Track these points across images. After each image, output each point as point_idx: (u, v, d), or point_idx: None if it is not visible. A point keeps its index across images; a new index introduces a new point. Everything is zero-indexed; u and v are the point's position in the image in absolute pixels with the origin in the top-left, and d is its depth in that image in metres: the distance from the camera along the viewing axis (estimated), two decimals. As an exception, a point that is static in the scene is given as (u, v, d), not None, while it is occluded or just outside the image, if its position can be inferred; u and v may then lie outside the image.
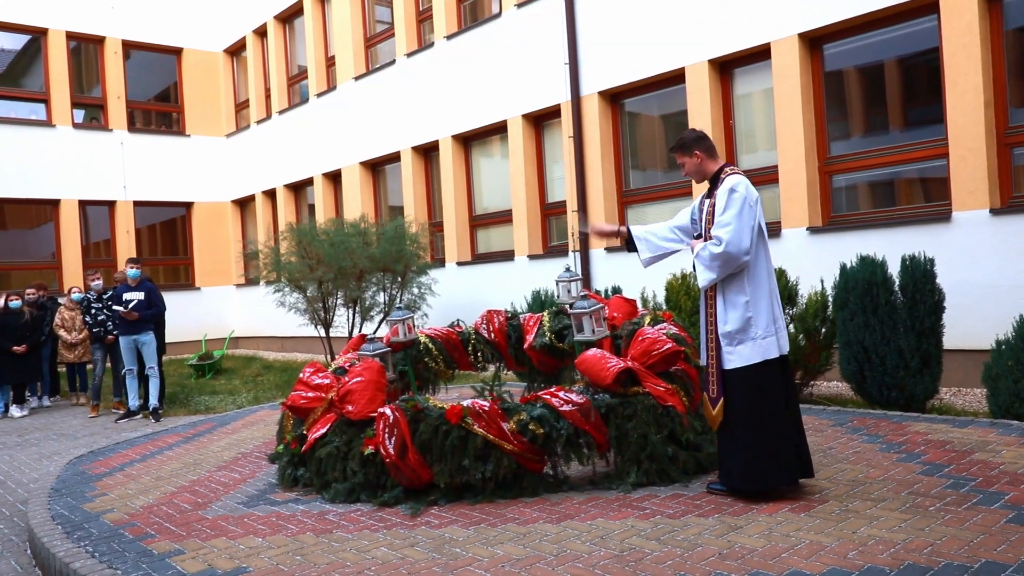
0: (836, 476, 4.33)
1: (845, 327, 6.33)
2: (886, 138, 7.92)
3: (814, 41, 8.18)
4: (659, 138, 10.20)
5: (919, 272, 6.06)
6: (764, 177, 8.65)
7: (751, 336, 4.00)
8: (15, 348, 10.07)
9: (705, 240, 4.11)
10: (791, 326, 6.82)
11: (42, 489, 5.41)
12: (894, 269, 6.25)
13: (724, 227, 3.97)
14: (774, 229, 8.35)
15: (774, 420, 4.00)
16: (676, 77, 9.38)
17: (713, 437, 4.96)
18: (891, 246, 7.00)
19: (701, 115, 8.94)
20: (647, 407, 4.47)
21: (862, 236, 7.65)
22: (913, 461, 4.51)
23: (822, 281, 7.03)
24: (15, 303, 10.30)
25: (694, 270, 4.16)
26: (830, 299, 6.74)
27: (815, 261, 7.76)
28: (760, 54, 8.57)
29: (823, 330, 6.79)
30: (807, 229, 8.08)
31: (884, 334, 6.09)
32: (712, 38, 8.85)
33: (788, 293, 6.89)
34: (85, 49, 16.84)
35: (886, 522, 3.55)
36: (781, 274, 6.98)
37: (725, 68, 9.01)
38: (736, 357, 4.04)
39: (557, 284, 6.01)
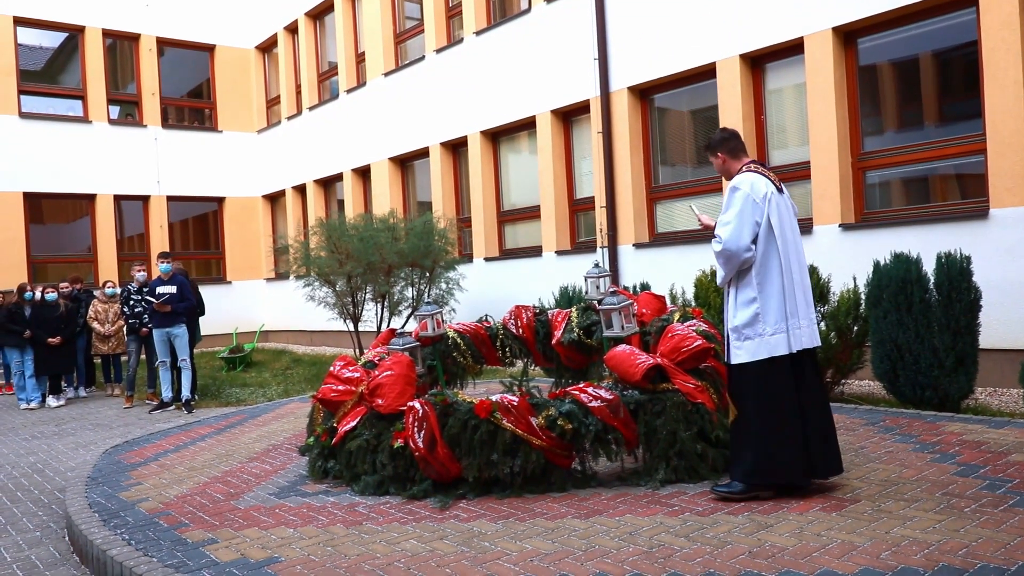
0: (868, 476, 4.28)
1: (878, 325, 6.24)
2: (921, 133, 7.79)
3: (848, 35, 8.07)
4: (688, 134, 10.12)
5: (955, 270, 5.95)
6: (796, 173, 8.56)
7: (759, 332, 4.03)
8: (50, 340, 10.29)
9: None
10: (822, 324, 6.75)
11: (79, 478, 5.52)
12: (929, 267, 6.15)
13: (724, 226, 4.07)
14: (805, 225, 8.25)
15: (781, 417, 3.99)
16: (707, 72, 9.30)
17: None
18: (926, 243, 6.90)
19: (732, 110, 8.86)
20: (676, 404, 4.45)
21: (896, 233, 7.53)
22: (948, 461, 4.44)
23: (854, 278, 6.93)
24: (51, 295, 10.54)
25: None
26: (863, 297, 6.65)
27: (847, 258, 7.66)
28: (793, 48, 8.47)
29: (855, 328, 6.70)
30: (839, 226, 7.98)
31: (918, 332, 5.99)
32: (743, 32, 8.76)
33: (820, 291, 6.81)
34: (120, 46, 17.12)
35: (920, 523, 3.51)
36: (812, 271, 6.89)
37: (757, 63, 8.91)
38: (743, 352, 4.08)
39: (586, 280, 6.01)
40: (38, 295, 10.48)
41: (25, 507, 5.39)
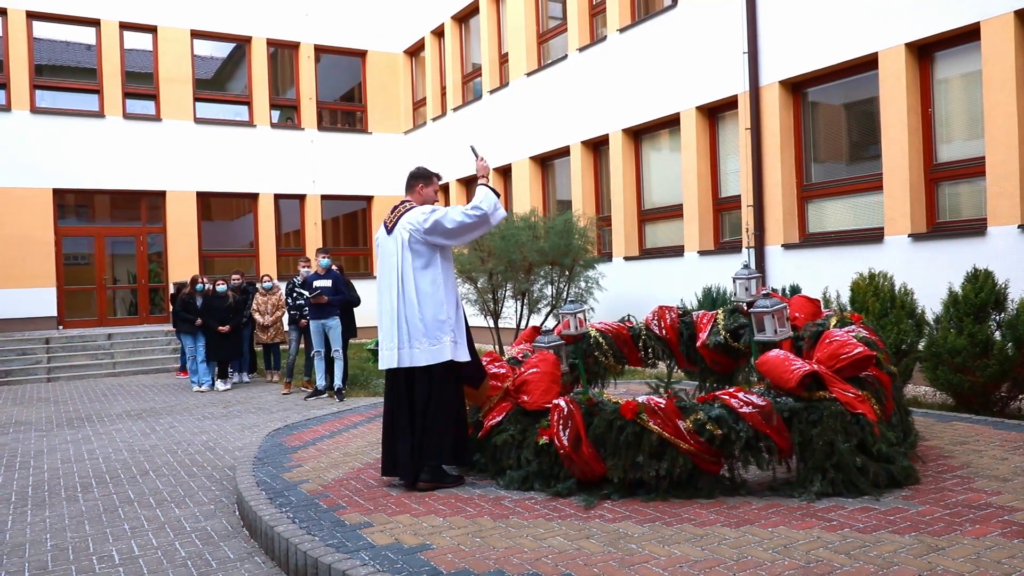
0: (1055, 502, 3.90)
1: (1065, 337, 5.68)
2: (1120, 125, 7.01)
3: (1033, 18, 7.38)
4: (843, 129, 9.60)
5: None
6: (966, 170, 7.94)
7: None
8: (220, 328, 11.15)
9: None
10: (996, 334, 6.24)
11: (247, 458, 5.95)
12: None
13: None
14: (979, 227, 7.63)
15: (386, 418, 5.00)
16: (867, 63, 8.78)
17: (907, 449, 4.64)
18: (1125, 247, 6.21)
19: (895, 103, 8.32)
20: (834, 413, 4.23)
21: (1087, 235, 6.83)
22: None
23: (1037, 285, 6.35)
24: (221, 287, 11.42)
25: None
26: (1047, 305, 6.08)
27: (1028, 262, 7.03)
28: (966, 35, 7.84)
29: (1037, 339, 6.13)
30: (1019, 227, 7.31)
31: (1115, 346, 5.41)
32: (910, 20, 8.20)
33: (996, 297, 6.29)
34: (281, 54, 18.28)
35: (1121, 558, 3.16)
36: (987, 276, 6.38)
37: (924, 52, 8.32)
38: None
39: (734, 282, 5.82)
40: (209, 286, 11.39)
41: (200, 482, 5.87)
